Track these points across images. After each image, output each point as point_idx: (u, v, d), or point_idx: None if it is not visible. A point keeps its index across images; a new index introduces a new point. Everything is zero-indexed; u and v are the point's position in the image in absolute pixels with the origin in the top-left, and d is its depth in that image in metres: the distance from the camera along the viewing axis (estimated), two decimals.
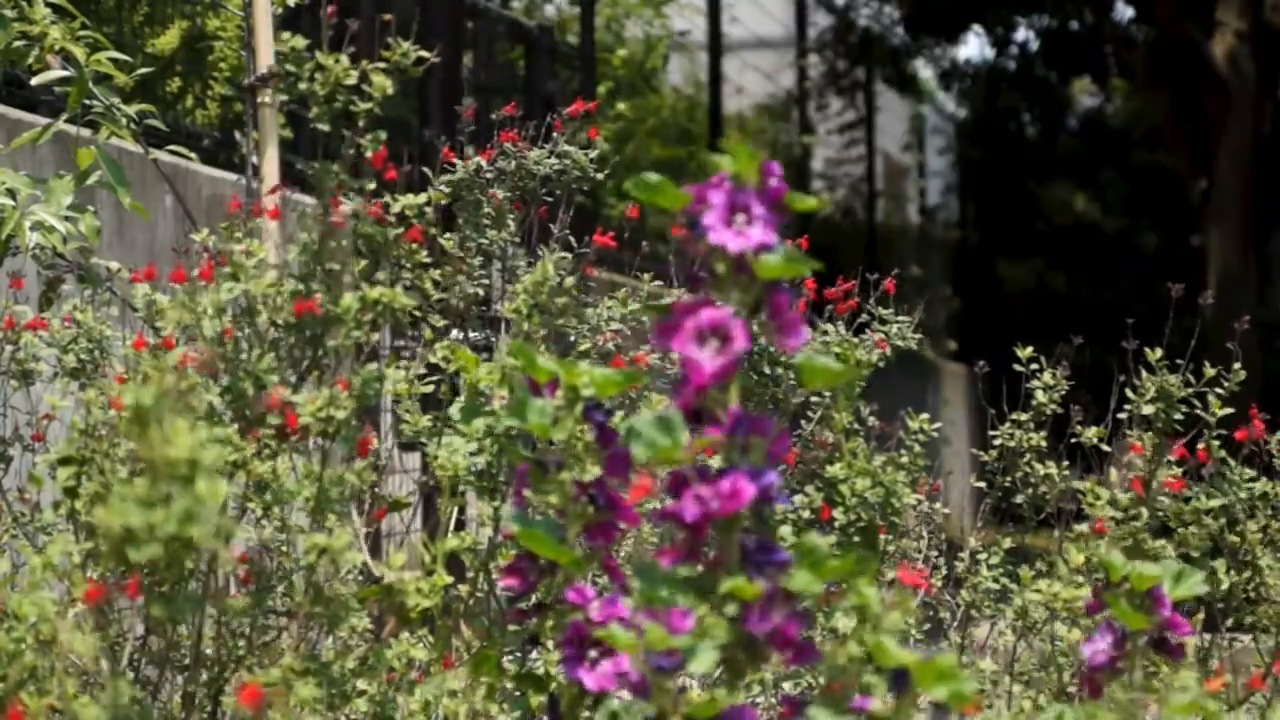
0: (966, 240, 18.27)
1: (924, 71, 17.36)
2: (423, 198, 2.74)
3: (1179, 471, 3.06)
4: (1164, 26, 13.73)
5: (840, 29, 15.80)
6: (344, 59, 2.60)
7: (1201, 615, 2.99)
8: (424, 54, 2.64)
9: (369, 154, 2.61)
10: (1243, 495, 3.01)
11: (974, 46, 30.32)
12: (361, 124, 2.62)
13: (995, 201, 17.82)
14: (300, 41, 2.62)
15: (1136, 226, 16.87)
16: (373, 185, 2.65)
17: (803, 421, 3.75)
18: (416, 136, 6.38)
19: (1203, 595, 3.03)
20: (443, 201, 3.28)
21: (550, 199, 3.97)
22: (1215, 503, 2.97)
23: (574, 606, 1.73)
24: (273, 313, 2.59)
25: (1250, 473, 3.05)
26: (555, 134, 4.03)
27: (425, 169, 4.06)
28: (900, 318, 3.51)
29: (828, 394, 3.18)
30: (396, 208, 2.68)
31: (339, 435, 2.50)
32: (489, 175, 3.94)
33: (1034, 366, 3.18)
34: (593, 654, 1.72)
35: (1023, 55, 17.20)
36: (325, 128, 2.60)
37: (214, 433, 2.51)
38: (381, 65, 2.63)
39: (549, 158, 3.98)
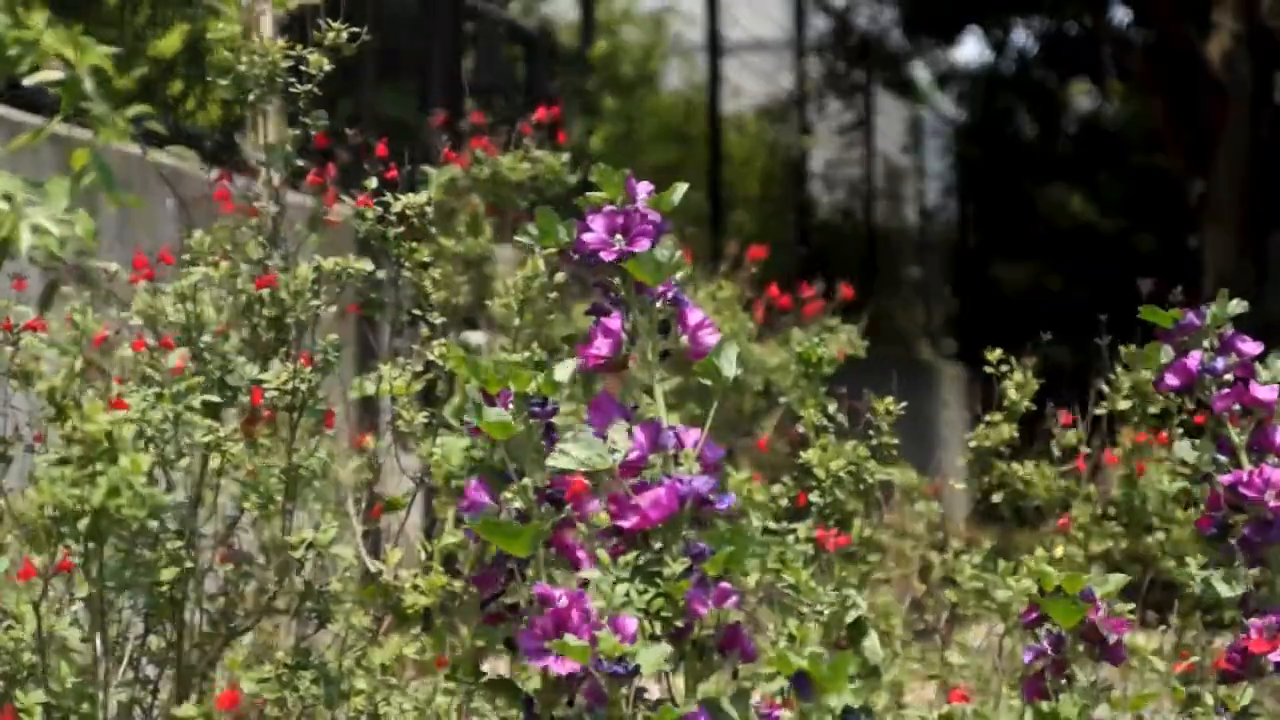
0: (965, 242, 18.27)
1: (922, 74, 17.37)
2: (423, 197, 2.75)
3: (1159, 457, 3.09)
4: (1161, 29, 13.75)
5: (839, 31, 15.81)
6: (280, 42, 2.65)
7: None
8: (355, 31, 2.68)
9: (314, 131, 2.65)
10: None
11: (972, 49, 30.35)
12: (302, 104, 2.66)
13: (993, 203, 17.82)
14: (234, 28, 2.68)
15: (1134, 228, 16.88)
16: (373, 183, 2.68)
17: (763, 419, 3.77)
18: (416, 137, 6.39)
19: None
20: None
21: (530, 204, 3.97)
22: (1178, 485, 3.00)
23: (543, 602, 1.76)
24: (234, 294, 2.62)
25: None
26: (524, 138, 4.04)
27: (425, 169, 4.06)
28: (846, 325, 3.53)
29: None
30: (397, 207, 2.69)
31: (304, 408, 2.52)
32: (465, 183, 3.95)
33: (1004, 368, 3.20)
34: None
35: (1020, 58, 17.20)
36: (267, 108, 2.64)
37: (191, 417, 2.52)
38: (314, 48, 2.67)
39: (521, 163, 3.98)
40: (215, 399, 2.57)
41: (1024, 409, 3.19)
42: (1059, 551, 2.88)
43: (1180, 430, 3.14)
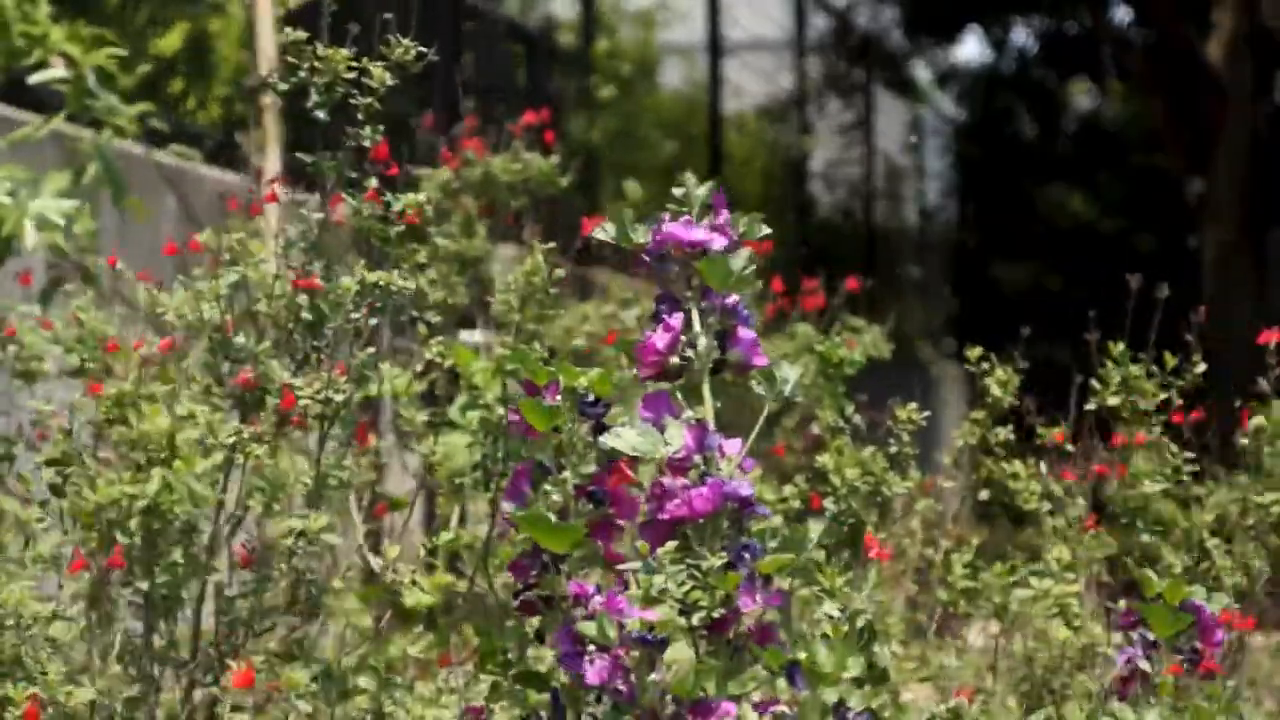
0: (965, 242, 18.28)
1: (922, 73, 17.37)
2: (423, 196, 2.75)
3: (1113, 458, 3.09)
4: (1161, 29, 13.75)
5: (839, 31, 15.81)
6: (343, 51, 2.64)
7: None
8: (423, 50, 2.67)
9: (368, 145, 2.64)
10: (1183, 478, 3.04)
11: (972, 49, 30.37)
12: (361, 117, 2.65)
13: (993, 203, 17.83)
14: (301, 34, 2.65)
15: (1134, 228, 16.89)
16: (373, 181, 2.68)
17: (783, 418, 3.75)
18: (416, 136, 6.39)
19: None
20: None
21: (521, 206, 3.97)
22: (1158, 487, 3.00)
23: (576, 600, 1.79)
24: (271, 299, 2.62)
25: (1189, 455, 3.08)
26: (514, 140, 4.05)
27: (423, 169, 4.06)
28: (873, 326, 3.50)
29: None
30: (398, 206, 2.69)
31: (337, 419, 2.53)
32: (456, 184, 3.95)
33: (984, 365, 3.19)
34: (592, 648, 1.77)
35: (1020, 58, 17.21)
36: (324, 116, 2.63)
37: (212, 417, 2.54)
38: (381, 62, 2.65)
39: (512, 164, 3.99)
40: (245, 399, 2.58)
41: (1007, 406, 3.19)
42: (1062, 554, 2.87)
43: (1160, 430, 3.14)
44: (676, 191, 1.93)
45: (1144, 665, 2.05)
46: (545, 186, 4.18)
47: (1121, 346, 3.11)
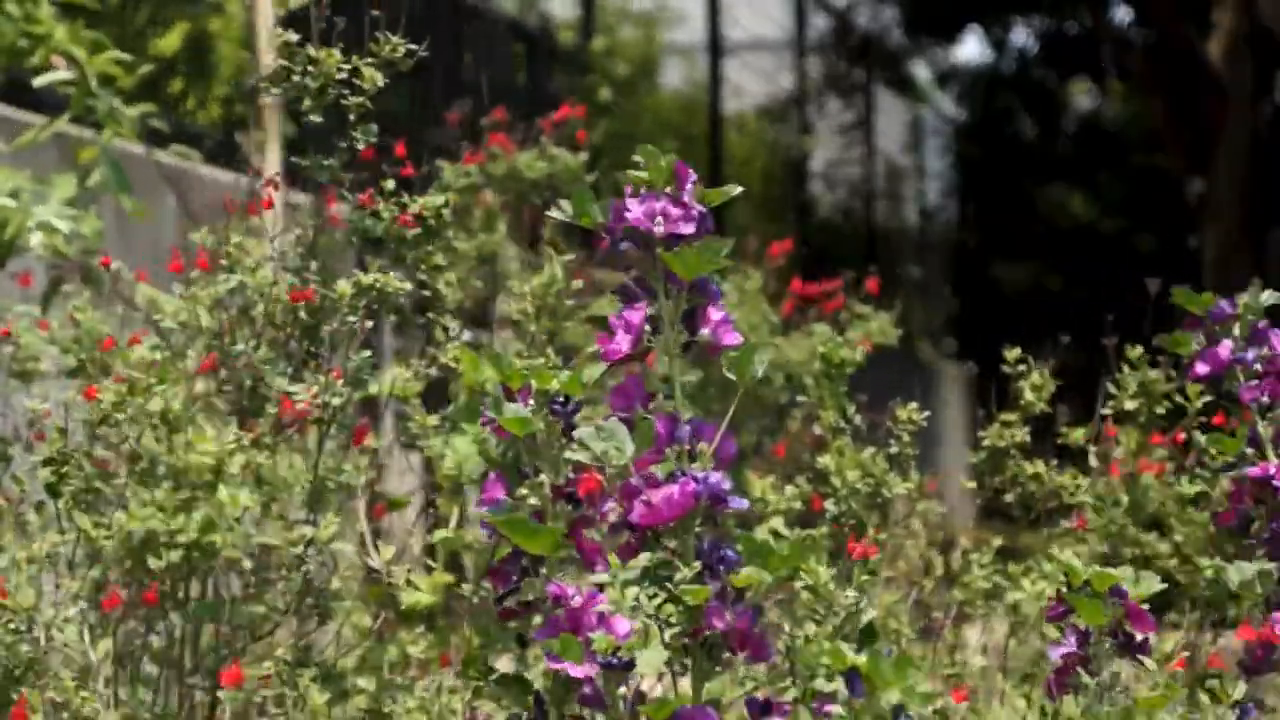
0: (965, 242, 18.27)
1: (922, 73, 17.37)
2: (440, 199, 2.73)
3: (1163, 457, 3.07)
4: (1161, 29, 13.74)
5: (839, 31, 15.80)
6: (336, 53, 2.62)
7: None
8: (413, 47, 2.65)
9: (361, 146, 2.63)
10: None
11: (972, 48, 30.37)
12: (353, 117, 2.64)
13: (993, 203, 17.82)
14: (293, 36, 2.64)
15: (1134, 228, 16.88)
16: (391, 184, 2.67)
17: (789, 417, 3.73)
18: (415, 136, 6.38)
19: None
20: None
21: (544, 202, 3.95)
22: (1196, 488, 2.98)
23: (556, 602, 1.76)
24: (269, 304, 2.61)
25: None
26: (543, 137, 4.02)
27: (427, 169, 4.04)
28: (880, 313, 3.47)
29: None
30: (414, 209, 2.67)
31: (335, 422, 2.52)
32: (479, 180, 3.94)
33: (1021, 367, 3.18)
34: None
35: (1020, 57, 17.20)
36: (318, 119, 2.62)
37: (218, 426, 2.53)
38: (371, 60, 2.64)
39: (538, 160, 3.97)
40: (244, 404, 2.57)
41: (1038, 410, 3.17)
42: (1075, 555, 2.86)
43: (1198, 430, 3.12)
44: (637, 159, 1.82)
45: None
46: (572, 184, 4.16)
47: (1140, 350, 3.09)
